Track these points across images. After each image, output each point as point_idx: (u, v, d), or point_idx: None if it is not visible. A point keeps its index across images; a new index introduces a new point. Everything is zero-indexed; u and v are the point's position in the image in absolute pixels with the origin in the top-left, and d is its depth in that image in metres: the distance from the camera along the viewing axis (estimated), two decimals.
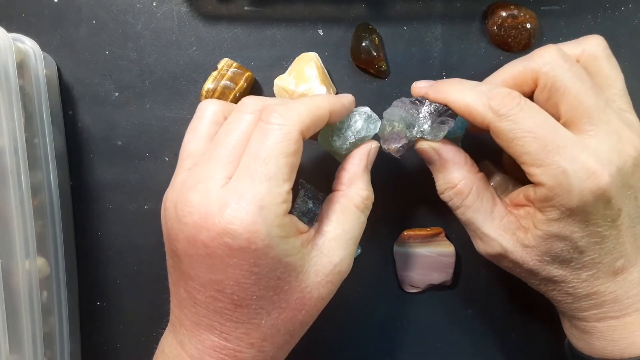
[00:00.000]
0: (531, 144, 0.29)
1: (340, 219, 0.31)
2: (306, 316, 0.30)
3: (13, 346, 0.33)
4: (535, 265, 0.31)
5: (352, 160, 0.33)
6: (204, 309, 0.29)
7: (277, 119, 0.28)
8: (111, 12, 0.40)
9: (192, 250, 0.28)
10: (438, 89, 0.33)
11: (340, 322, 0.41)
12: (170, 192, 0.30)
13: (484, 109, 0.30)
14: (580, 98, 0.29)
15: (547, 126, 0.29)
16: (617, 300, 0.31)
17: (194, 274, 0.29)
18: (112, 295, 0.41)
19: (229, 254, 0.27)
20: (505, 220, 0.32)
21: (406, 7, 0.40)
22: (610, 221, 0.29)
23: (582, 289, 0.31)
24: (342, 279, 0.31)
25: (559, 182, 0.28)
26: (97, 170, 0.41)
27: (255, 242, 0.27)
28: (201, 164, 0.30)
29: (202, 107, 0.33)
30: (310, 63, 0.38)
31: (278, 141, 0.28)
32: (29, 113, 0.36)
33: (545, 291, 0.33)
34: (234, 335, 0.29)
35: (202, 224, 0.27)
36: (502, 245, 0.32)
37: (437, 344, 0.42)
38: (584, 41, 0.33)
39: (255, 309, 0.28)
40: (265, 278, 0.28)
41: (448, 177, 0.33)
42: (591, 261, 0.30)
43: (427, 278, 0.40)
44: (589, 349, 0.33)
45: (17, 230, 0.33)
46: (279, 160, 0.28)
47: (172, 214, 0.29)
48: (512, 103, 0.29)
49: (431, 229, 0.40)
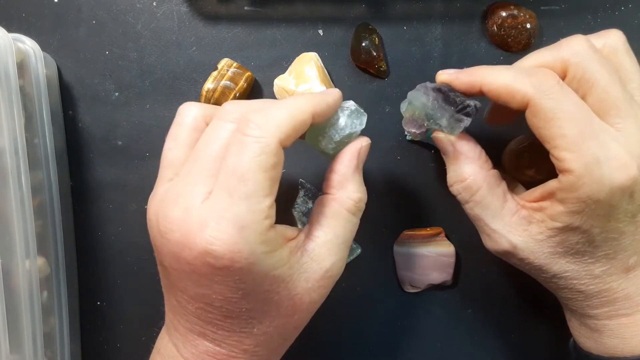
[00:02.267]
0: (570, 127, 0.28)
1: (331, 224, 0.30)
2: (299, 321, 0.30)
3: (13, 346, 0.33)
4: (546, 260, 0.31)
5: (342, 161, 0.31)
6: (195, 318, 0.29)
7: (253, 130, 0.27)
8: (111, 12, 0.40)
9: (177, 265, 0.27)
10: (471, 72, 0.31)
11: (340, 322, 0.41)
12: (152, 203, 0.29)
13: (524, 86, 0.29)
14: (609, 90, 0.29)
15: (585, 111, 0.29)
16: (629, 298, 0.31)
17: (181, 286, 0.28)
18: (112, 295, 0.41)
19: (213, 272, 0.26)
20: (516, 217, 0.31)
21: (406, 7, 0.40)
22: (630, 216, 0.29)
23: (594, 286, 0.31)
24: (334, 283, 0.30)
25: (590, 171, 0.28)
26: (97, 170, 0.41)
27: (238, 261, 0.26)
28: (181, 177, 0.29)
29: (182, 112, 0.31)
30: (310, 63, 0.38)
31: (255, 155, 0.26)
32: (29, 113, 0.36)
33: (555, 289, 0.33)
34: (227, 343, 0.29)
35: (183, 242, 0.26)
36: (511, 241, 0.31)
37: (437, 344, 0.42)
38: (604, 35, 0.32)
39: (246, 319, 0.28)
40: (253, 292, 0.27)
41: (459, 170, 0.32)
42: (605, 256, 0.30)
43: (427, 278, 0.40)
44: (598, 347, 0.32)
45: (17, 230, 0.33)
46: (257, 176, 0.26)
47: (155, 228, 0.28)
48: (553, 81, 0.29)
49: (431, 229, 0.40)
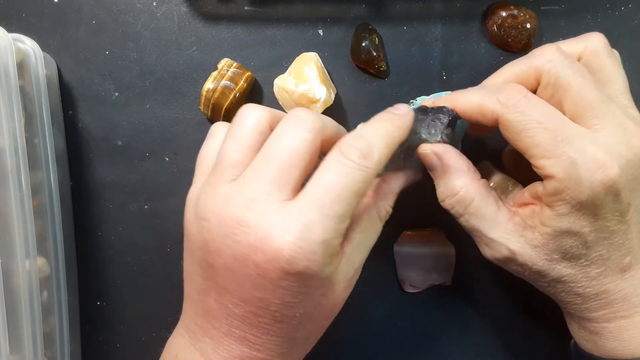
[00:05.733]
0: (541, 135, 0.29)
1: (366, 227, 0.31)
2: (329, 321, 0.31)
3: (13, 346, 0.33)
4: (544, 266, 0.31)
5: (396, 179, 0.33)
6: (239, 321, 0.29)
7: (359, 158, 0.28)
8: (111, 12, 0.40)
9: (239, 267, 0.28)
10: (446, 98, 0.33)
11: (340, 322, 0.41)
12: (212, 203, 0.29)
13: (492, 103, 0.30)
14: (583, 93, 0.30)
15: (555, 117, 0.29)
16: (627, 299, 0.31)
17: (233, 289, 0.28)
18: (112, 295, 0.41)
19: (282, 277, 0.27)
20: (510, 224, 0.32)
21: (406, 7, 0.40)
22: (619, 215, 0.29)
23: (591, 288, 0.31)
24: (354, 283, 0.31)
25: (569, 174, 0.28)
26: (97, 170, 0.41)
27: (311, 269, 0.27)
28: (251, 179, 0.28)
29: (245, 113, 0.31)
30: (310, 63, 0.38)
31: (356, 182, 0.27)
32: (29, 113, 0.36)
33: (553, 293, 0.33)
34: (267, 347, 0.29)
35: (257, 246, 0.27)
36: (509, 248, 0.31)
37: (437, 344, 0.42)
38: (585, 38, 0.33)
39: (295, 325, 0.29)
40: (311, 297, 0.28)
41: (450, 184, 0.32)
42: (600, 257, 0.30)
43: (427, 278, 0.40)
44: (598, 350, 0.32)
45: (17, 230, 0.33)
46: (351, 200, 0.27)
47: (216, 228, 0.28)
48: (519, 95, 0.30)
49: (431, 229, 0.40)
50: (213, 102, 0.39)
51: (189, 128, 0.41)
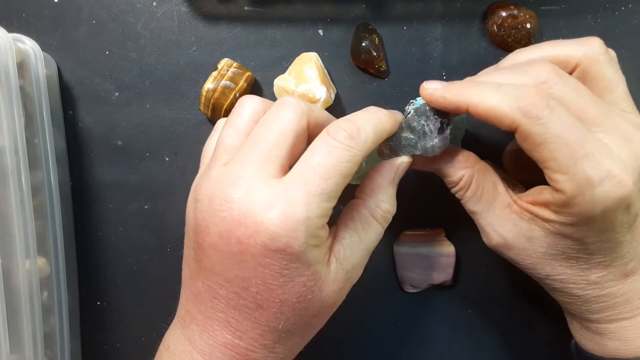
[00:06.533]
0: (561, 150, 0.27)
1: (357, 228, 0.31)
2: (319, 321, 0.31)
3: (13, 346, 0.33)
4: (538, 259, 0.31)
5: (379, 171, 0.32)
6: (224, 304, 0.29)
7: (346, 139, 0.28)
8: (111, 12, 0.40)
9: (223, 245, 0.28)
10: (457, 92, 0.30)
11: (340, 322, 0.41)
12: (205, 185, 0.29)
13: (512, 112, 0.28)
14: (584, 109, 0.29)
15: (576, 131, 0.28)
16: (629, 302, 0.31)
17: (219, 269, 0.28)
18: (112, 295, 0.41)
19: (263, 254, 0.27)
20: (507, 210, 0.32)
21: (406, 7, 0.40)
22: (627, 227, 0.29)
23: (592, 291, 0.31)
24: (351, 286, 0.31)
25: (582, 192, 0.27)
26: (97, 170, 0.41)
27: (292, 247, 0.27)
28: (239, 160, 0.29)
29: (243, 103, 0.32)
30: (310, 63, 0.38)
31: (343, 162, 0.28)
32: (29, 113, 0.36)
33: (551, 290, 0.33)
34: (249, 335, 0.29)
35: (240, 220, 0.27)
36: (501, 235, 0.31)
37: (437, 344, 0.42)
38: (583, 43, 0.32)
39: (275, 313, 0.28)
40: (292, 282, 0.28)
41: (449, 179, 0.33)
42: (601, 263, 0.30)
43: (427, 278, 0.40)
44: (600, 349, 0.32)
45: (17, 230, 0.33)
46: (337, 180, 0.28)
47: (206, 207, 0.29)
48: (543, 104, 0.27)
49: (431, 229, 0.40)
50: (213, 102, 0.39)
51: (189, 128, 0.41)
